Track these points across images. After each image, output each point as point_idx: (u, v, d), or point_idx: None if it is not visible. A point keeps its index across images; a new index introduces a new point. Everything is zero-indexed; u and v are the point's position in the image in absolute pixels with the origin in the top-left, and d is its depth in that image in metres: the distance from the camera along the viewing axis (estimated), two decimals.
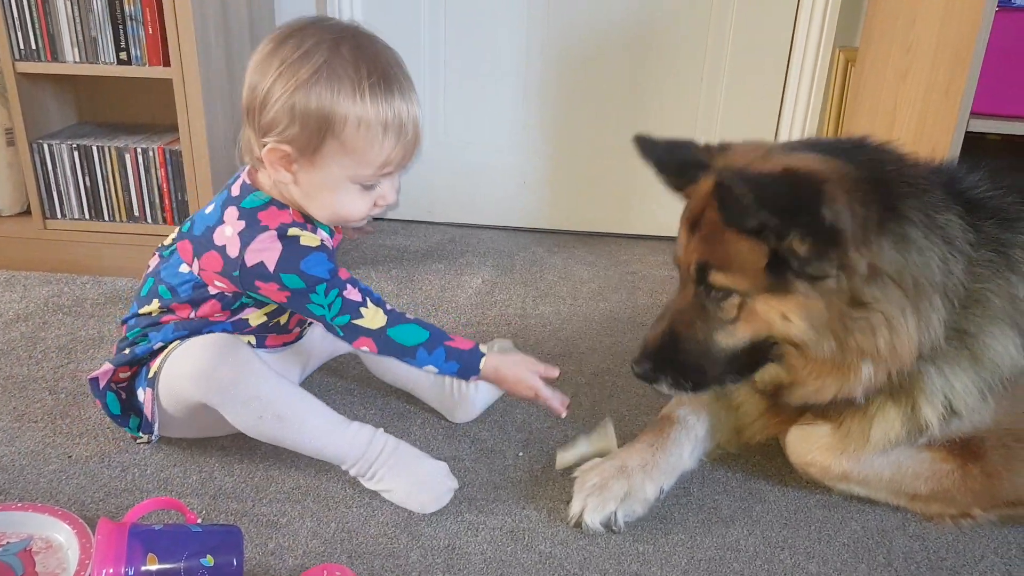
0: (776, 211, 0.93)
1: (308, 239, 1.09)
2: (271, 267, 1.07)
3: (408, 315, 1.14)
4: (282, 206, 1.11)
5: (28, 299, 1.71)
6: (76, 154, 1.78)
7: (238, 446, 1.22)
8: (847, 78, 1.93)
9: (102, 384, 1.19)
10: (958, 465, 1.08)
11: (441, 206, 2.24)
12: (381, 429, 1.14)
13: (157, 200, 1.80)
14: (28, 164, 1.78)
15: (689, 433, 1.18)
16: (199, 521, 1.05)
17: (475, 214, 2.24)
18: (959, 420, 1.05)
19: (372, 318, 1.11)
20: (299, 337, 1.31)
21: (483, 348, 1.16)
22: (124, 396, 1.21)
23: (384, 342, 1.11)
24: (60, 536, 1.02)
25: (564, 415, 1.19)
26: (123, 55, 1.67)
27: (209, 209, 1.14)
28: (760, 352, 1.05)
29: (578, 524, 1.09)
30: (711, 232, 1.02)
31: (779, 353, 1.05)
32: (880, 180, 1.00)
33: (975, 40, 1.32)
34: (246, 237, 1.08)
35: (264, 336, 1.23)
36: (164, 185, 1.78)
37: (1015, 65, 1.41)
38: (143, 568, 0.88)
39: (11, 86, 1.71)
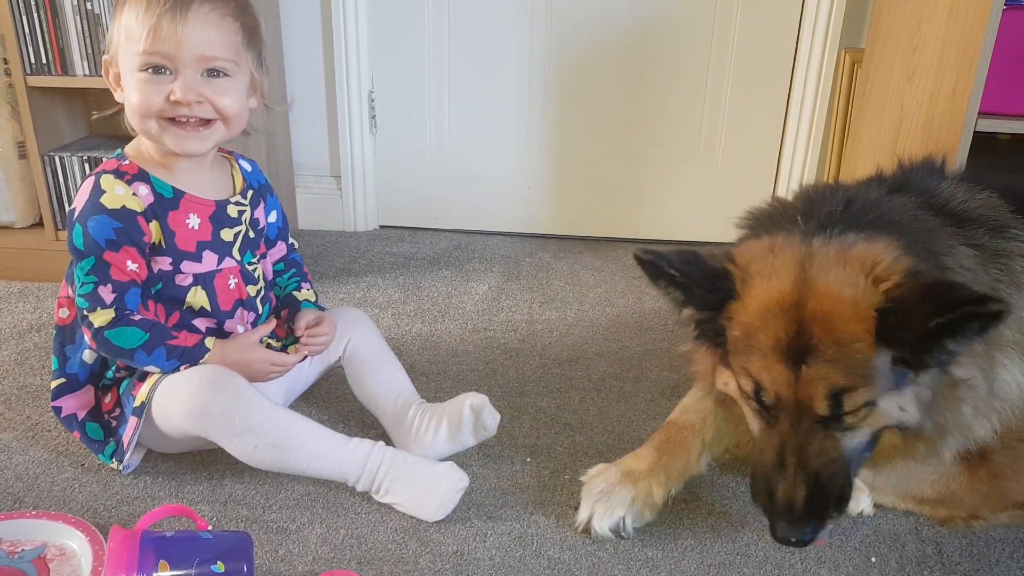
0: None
1: (111, 198, 1.08)
2: (77, 211, 1.09)
3: (137, 316, 1.11)
4: (123, 157, 1.13)
5: (41, 310, 1.72)
6: (87, 166, 1.80)
7: None
8: (853, 80, 1.92)
9: (81, 416, 1.19)
10: (964, 468, 1.07)
11: (447, 213, 2.25)
12: (381, 442, 1.14)
13: None
14: (40, 176, 1.80)
15: (696, 437, 1.17)
16: (210, 528, 1.06)
17: (481, 220, 2.25)
18: (969, 443, 1.03)
19: (99, 316, 1.10)
20: (259, 316, 1.24)
21: (210, 344, 1.14)
22: (114, 424, 1.19)
23: (101, 341, 1.10)
24: (73, 543, 1.03)
25: (316, 348, 1.23)
26: None
27: None
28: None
29: (586, 530, 1.08)
30: (837, 353, 0.90)
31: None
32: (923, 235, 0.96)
33: (982, 39, 1.31)
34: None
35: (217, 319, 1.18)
36: None
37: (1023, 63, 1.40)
38: (155, 575, 0.89)
39: (22, 100, 1.74)
